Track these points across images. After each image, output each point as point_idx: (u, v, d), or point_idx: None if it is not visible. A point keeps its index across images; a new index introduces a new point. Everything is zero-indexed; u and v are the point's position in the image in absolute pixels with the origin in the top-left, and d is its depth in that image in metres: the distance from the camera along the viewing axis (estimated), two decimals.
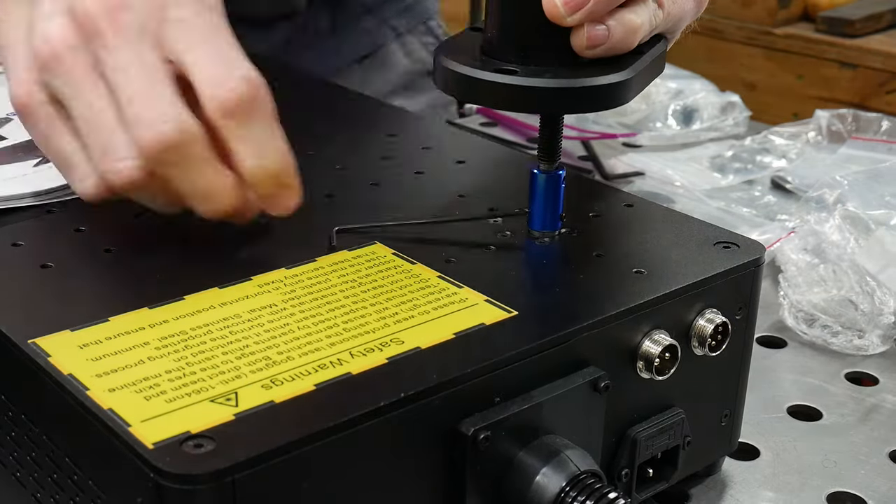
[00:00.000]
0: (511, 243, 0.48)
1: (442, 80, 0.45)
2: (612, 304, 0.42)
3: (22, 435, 0.40)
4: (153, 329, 0.40)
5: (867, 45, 1.58)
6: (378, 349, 0.39)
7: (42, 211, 0.51)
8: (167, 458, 0.33)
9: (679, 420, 0.45)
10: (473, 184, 0.54)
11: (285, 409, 0.36)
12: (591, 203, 0.52)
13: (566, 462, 0.39)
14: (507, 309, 0.42)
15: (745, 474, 0.51)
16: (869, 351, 0.61)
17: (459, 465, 0.38)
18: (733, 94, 0.94)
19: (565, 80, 0.43)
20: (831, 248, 0.65)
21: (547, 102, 0.44)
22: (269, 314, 0.41)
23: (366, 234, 0.48)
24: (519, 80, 0.43)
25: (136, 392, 0.36)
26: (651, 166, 0.84)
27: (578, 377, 0.41)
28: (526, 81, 0.43)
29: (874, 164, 0.82)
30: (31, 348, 0.39)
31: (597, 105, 0.45)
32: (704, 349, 0.45)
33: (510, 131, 0.94)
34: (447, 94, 0.47)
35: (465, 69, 0.44)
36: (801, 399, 0.58)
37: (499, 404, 0.39)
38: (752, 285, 0.47)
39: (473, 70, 0.44)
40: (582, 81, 0.43)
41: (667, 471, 0.46)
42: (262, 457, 0.33)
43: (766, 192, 0.81)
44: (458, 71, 0.44)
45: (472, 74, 0.44)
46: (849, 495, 0.50)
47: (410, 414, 0.36)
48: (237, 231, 0.49)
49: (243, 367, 0.38)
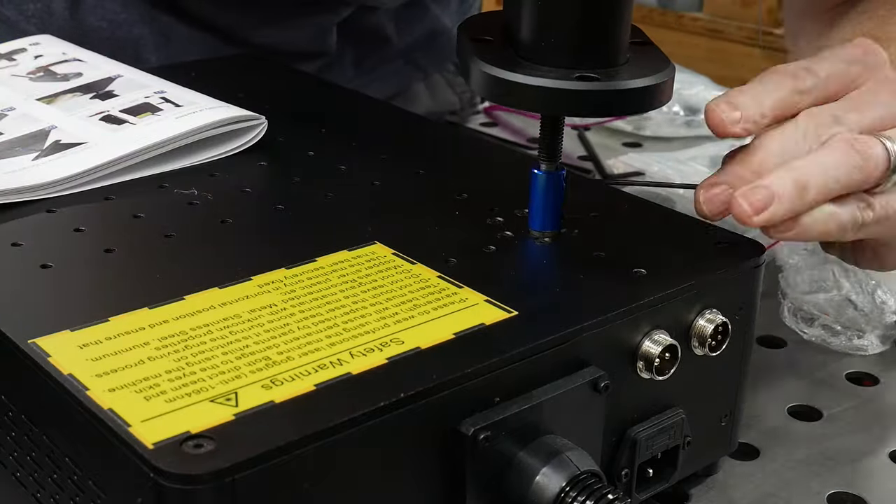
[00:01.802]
0: (511, 243, 0.48)
1: (512, 92, 0.43)
2: (612, 304, 0.42)
3: (22, 435, 0.40)
4: (153, 329, 0.40)
5: None
6: (378, 349, 0.39)
7: (42, 208, 0.51)
8: (167, 458, 0.33)
9: (679, 420, 0.45)
10: (474, 184, 0.54)
11: (285, 409, 0.36)
12: (591, 203, 0.52)
13: (566, 462, 0.39)
14: (507, 309, 0.42)
15: (745, 474, 0.51)
16: (868, 351, 0.61)
17: (459, 465, 0.38)
18: None
19: (649, 79, 0.43)
20: None
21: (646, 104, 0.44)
22: (269, 314, 0.41)
23: None
24: (610, 86, 0.43)
25: (136, 392, 0.36)
26: (651, 166, 0.84)
27: (578, 377, 0.41)
28: (621, 85, 0.43)
29: None
30: (31, 348, 0.39)
31: None
32: (704, 349, 0.45)
33: (510, 131, 0.94)
34: (521, 108, 0.45)
35: (549, 81, 0.42)
36: (801, 399, 0.58)
37: (499, 404, 0.39)
38: (752, 285, 0.47)
39: (557, 81, 0.42)
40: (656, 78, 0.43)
41: (667, 471, 0.46)
42: (262, 457, 0.33)
43: None
44: (543, 86, 0.42)
45: (559, 86, 0.42)
46: (849, 495, 0.50)
47: (410, 414, 0.36)
48: (237, 231, 0.49)
49: (243, 367, 0.38)
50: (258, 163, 0.57)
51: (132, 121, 0.58)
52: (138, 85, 0.64)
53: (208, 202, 0.52)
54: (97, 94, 0.63)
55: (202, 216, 0.50)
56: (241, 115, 0.58)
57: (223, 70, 0.73)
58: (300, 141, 0.60)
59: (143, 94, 0.62)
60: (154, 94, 0.62)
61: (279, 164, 0.57)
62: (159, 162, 0.55)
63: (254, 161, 0.57)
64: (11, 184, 0.51)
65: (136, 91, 0.63)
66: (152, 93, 0.62)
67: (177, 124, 0.57)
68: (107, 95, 0.62)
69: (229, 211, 0.50)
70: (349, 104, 0.67)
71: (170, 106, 0.60)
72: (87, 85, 0.65)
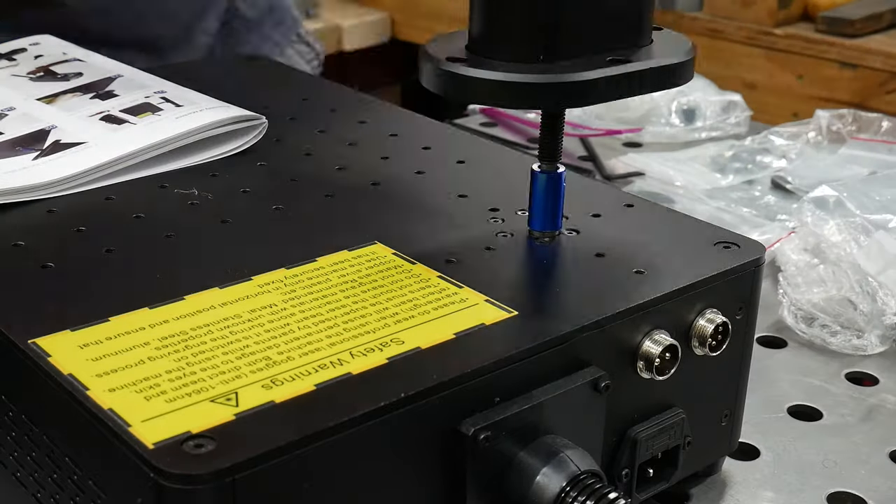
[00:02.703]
0: (511, 243, 0.48)
1: (489, 91, 0.42)
2: (612, 304, 0.42)
3: (22, 435, 0.40)
4: (153, 329, 0.40)
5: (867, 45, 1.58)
6: (378, 349, 0.39)
7: (42, 208, 0.51)
8: (167, 458, 0.33)
9: (679, 420, 0.45)
10: (474, 184, 0.54)
11: (285, 409, 0.35)
12: (591, 203, 0.52)
13: (566, 462, 0.39)
14: (508, 309, 0.42)
15: (745, 474, 0.51)
16: (867, 351, 0.61)
17: (459, 465, 0.38)
18: (734, 94, 0.94)
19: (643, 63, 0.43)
20: (831, 249, 0.65)
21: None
22: (269, 314, 0.41)
23: None
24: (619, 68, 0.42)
25: (136, 392, 0.36)
26: (651, 166, 0.84)
27: (579, 377, 0.41)
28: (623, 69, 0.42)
29: (874, 164, 0.82)
30: (31, 348, 0.39)
31: None
32: (704, 349, 0.45)
33: (510, 131, 0.94)
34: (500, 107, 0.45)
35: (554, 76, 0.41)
36: (801, 399, 0.58)
37: (499, 404, 0.39)
38: (752, 285, 0.47)
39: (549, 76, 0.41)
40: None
41: (667, 471, 0.46)
42: (262, 457, 0.33)
43: (766, 192, 0.81)
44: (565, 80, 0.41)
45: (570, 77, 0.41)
46: (849, 495, 0.50)
47: (410, 414, 0.36)
48: (237, 231, 0.49)
49: (243, 367, 0.38)
50: (258, 163, 0.57)
51: (132, 121, 0.58)
52: (138, 85, 0.64)
53: (208, 202, 0.52)
54: (97, 93, 0.63)
55: (202, 216, 0.50)
56: (241, 115, 0.58)
57: (223, 70, 0.73)
58: (300, 141, 0.60)
59: (144, 94, 0.62)
60: (154, 94, 0.62)
61: (279, 165, 0.57)
62: (159, 162, 0.55)
63: (254, 161, 0.57)
64: (11, 183, 0.51)
65: (136, 91, 0.63)
66: (152, 93, 0.62)
67: (177, 124, 0.57)
68: (107, 95, 0.62)
69: (229, 211, 0.50)
70: (349, 104, 0.67)
71: (170, 106, 0.60)
72: (87, 85, 0.65)
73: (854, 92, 1.57)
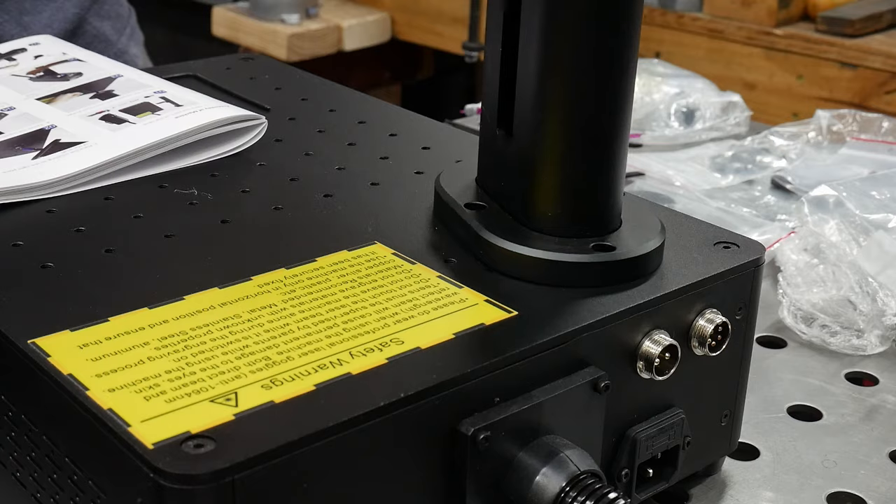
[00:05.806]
0: None
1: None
2: (612, 304, 0.42)
3: (22, 435, 0.40)
4: (153, 329, 0.40)
5: (867, 45, 1.58)
6: (378, 349, 0.39)
7: (42, 208, 0.51)
8: (167, 458, 0.33)
9: (679, 420, 0.45)
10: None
11: (285, 409, 0.35)
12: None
13: (566, 462, 0.39)
14: (507, 309, 0.42)
15: (745, 474, 0.51)
16: (867, 351, 0.61)
17: (459, 465, 0.38)
18: (734, 94, 0.94)
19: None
20: (831, 249, 0.65)
21: None
22: (269, 314, 0.41)
23: None
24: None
25: (135, 392, 0.36)
26: (651, 166, 0.84)
27: (578, 377, 0.41)
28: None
29: (874, 164, 0.82)
30: (31, 348, 0.39)
31: None
32: (704, 349, 0.45)
33: None
34: None
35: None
36: (801, 399, 0.58)
37: (499, 404, 0.39)
38: (752, 285, 0.47)
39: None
40: None
41: (667, 471, 0.46)
42: (262, 457, 0.33)
43: (766, 192, 0.81)
44: None
45: None
46: (849, 495, 0.50)
47: (410, 414, 0.36)
48: (237, 231, 0.49)
49: (243, 367, 0.38)
50: (258, 163, 0.57)
51: (132, 120, 0.58)
52: (138, 84, 0.64)
53: (208, 202, 0.52)
54: (97, 93, 0.63)
55: (202, 216, 0.50)
56: (241, 115, 0.58)
57: (223, 70, 0.73)
58: (300, 141, 0.60)
59: (143, 94, 0.62)
60: (154, 94, 0.62)
61: (279, 165, 0.57)
62: (159, 162, 0.55)
63: (254, 161, 0.57)
64: (11, 183, 0.51)
65: (136, 91, 0.63)
66: (152, 92, 0.62)
67: (177, 124, 0.57)
68: (107, 95, 0.62)
69: (229, 211, 0.50)
70: (349, 104, 0.67)
71: (170, 105, 0.60)
72: (87, 84, 0.65)
73: (854, 92, 1.56)
